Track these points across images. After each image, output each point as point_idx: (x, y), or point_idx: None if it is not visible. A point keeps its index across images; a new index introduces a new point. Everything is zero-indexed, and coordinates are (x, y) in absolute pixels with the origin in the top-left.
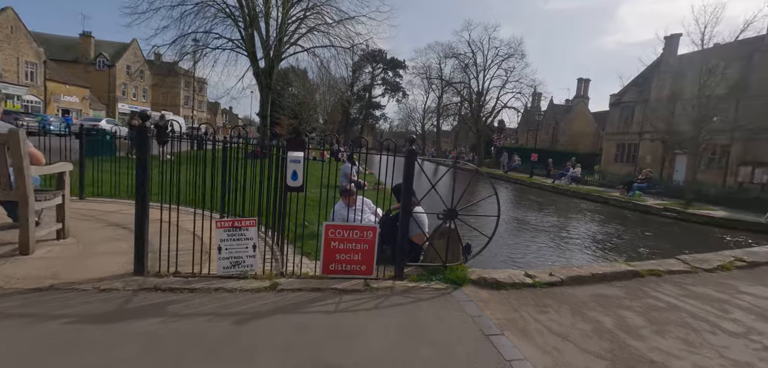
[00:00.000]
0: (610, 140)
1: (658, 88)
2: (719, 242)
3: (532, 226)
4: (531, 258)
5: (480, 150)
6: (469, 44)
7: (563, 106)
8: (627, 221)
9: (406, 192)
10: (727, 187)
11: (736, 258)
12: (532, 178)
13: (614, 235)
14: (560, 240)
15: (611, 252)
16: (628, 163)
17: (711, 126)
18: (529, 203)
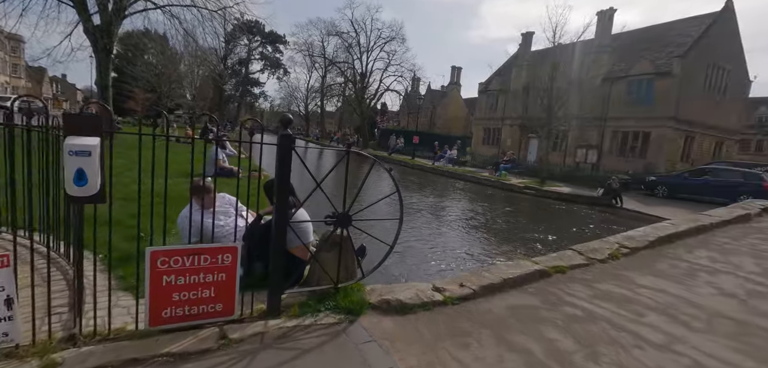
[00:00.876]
0: (478, 124)
1: (516, 78)
2: (573, 214)
3: (424, 211)
4: (428, 249)
5: (364, 132)
6: (352, 23)
7: (439, 91)
8: (501, 200)
9: (281, 192)
10: (568, 167)
11: (619, 244)
12: (414, 159)
13: (498, 216)
14: (454, 223)
15: (501, 234)
16: (493, 145)
17: (557, 114)
18: (414, 185)
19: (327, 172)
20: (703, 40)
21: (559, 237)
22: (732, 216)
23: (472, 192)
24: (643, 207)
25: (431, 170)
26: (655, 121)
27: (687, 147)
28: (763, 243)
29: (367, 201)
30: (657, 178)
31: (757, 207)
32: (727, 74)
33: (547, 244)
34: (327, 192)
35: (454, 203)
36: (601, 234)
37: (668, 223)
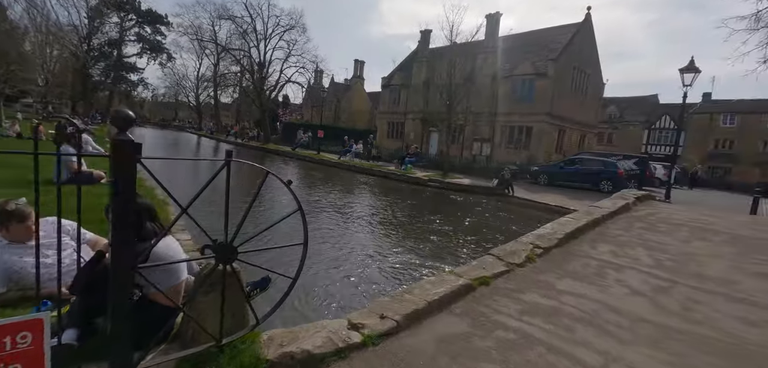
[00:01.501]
0: (382, 118)
1: (417, 74)
2: (476, 204)
3: (330, 210)
4: (341, 254)
5: (265, 125)
6: (247, 7)
7: (343, 84)
8: (409, 194)
9: (121, 222)
10: (465, 159)
11: (533, 245)
12: (320, 154)
13: (408, 210)
14: (366, 222)
15: (414, 230)
16: (397, 139)
17: (456, 109)
18: (320, 182)
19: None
20: (570, 46)
21: (470, 227)
22: (616, 207)
23: (380, 187)
24: (530, 195)
25: (338, 165)
26: (535, 117)
27: (560, 139)
28: (648, 233)
29: (266, 221)
30: (539, 168)
31: (632, 196)
32: (588, 77)
33: (460, 236)
34: (213, 210)
35: (364, 199)
36: (503, 222)
37: (570, 218)
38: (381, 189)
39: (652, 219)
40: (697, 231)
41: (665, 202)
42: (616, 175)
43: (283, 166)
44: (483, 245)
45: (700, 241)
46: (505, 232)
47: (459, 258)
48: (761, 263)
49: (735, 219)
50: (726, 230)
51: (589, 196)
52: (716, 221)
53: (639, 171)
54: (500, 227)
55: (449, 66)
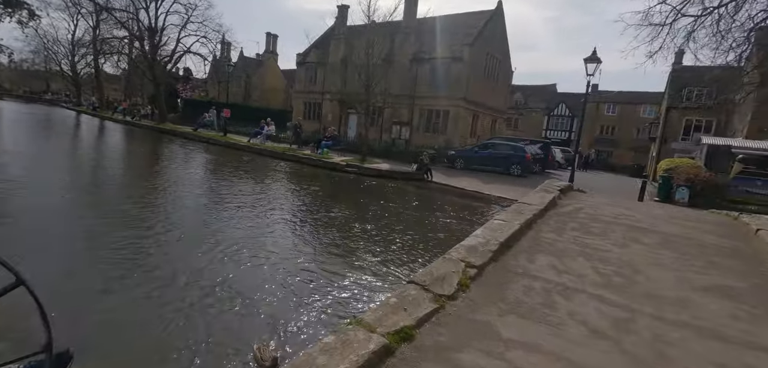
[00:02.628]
0: (298, 98)
1: (334, 52)
2: (396, 191)
3: (233, 204)
4: (235, 281)
5: (160, 102)
6: None
7: (254, 59)
8: (325, 181)
9: None
10: (385, 142)
11: (465, 263)
12: (227, 136)
13: (324, 202)
14: (268, 220)
15: (331, 229)
16: (315, 120)
17: (375, 90)
18: (226, 170)
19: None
20: (484, 32)
21: (390, 218)
22: (544, 203)
23: (291, 173)
24: (449, 179)
25: (247, 149)
26: (451, 101)
27: (474, 124)
28: (583, 236)
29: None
30: (455, 152)
31: (555, 188)
32: (499, 64)
33: (380, 231)
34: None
35: (271, 189)
36: (425, 210)
37: (501, 222)
38: (292, 176)
39: (581, 217)
40: (628, 231)
41: (584, 194)
42: (524, 160)
43: (179, 149)
44: (407, 243)
45: (636, 244)
46: (427, 225)
47: (379, 270)
48: (702, 272)
49: (653, 213)
50: (652, 227)
51: (502, 180)
52: (639, 216)
53: (543, 155)
54: (422, 218)
55: (367, 45)
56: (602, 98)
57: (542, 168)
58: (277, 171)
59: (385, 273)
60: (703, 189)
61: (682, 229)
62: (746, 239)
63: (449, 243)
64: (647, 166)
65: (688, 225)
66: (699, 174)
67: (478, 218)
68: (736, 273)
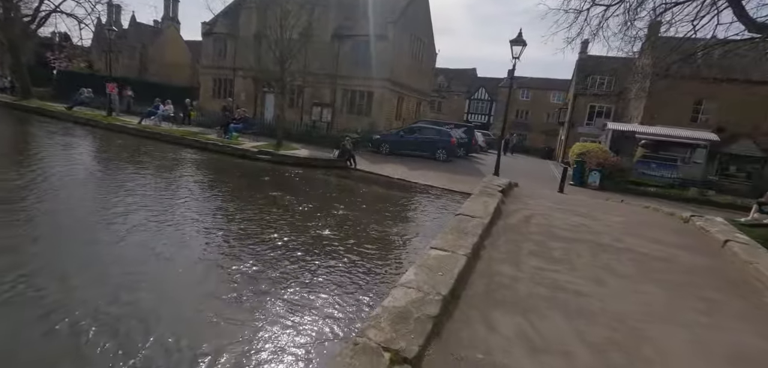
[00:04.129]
0: (206, 74)
1: (246, 23)
2: (313, 183)
3: (106, 216)
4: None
5: (22, 72)
6: None
7: (151, 27)
8: (230, 172)
9: None
10: (305, 125)
11: (390, 354)
12: (112, 116)
13: (219, 206)
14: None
15: (228, 241)
16: (224, 98)
17: (292, 67)
18: (107, 159)
19: None
20: (408, 10)
21: (302, 234)
22: (488, 212)
23: (191, 163)
24: (373, 166)
25: (137, 132)
26: (376, 82)
27: (399, 106)
28: (548, 267)
29: None
30: (381, 136)
31: (495, 188)
32: (424, 45)
33: (286, 260)
34: None
35: (178, 196)
36: (348, 206)
37: (439, 253)
38: (192, 166)
39: (534, 231)
40: (594, 253)
41: (522, 191)
42: (450, 145)
43: (38, 133)
44: (320, 272)
45: (613, 277)
46: (351, 231)
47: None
48: (711, 323)
49: (611, 220)
50: (615, 242)
51: (428, 165)
52: (595, 226)
53: (467, 140)
54: (343, 221)
55: (281, 16)
56: (518, 84)
57: (466, 152)
58: (173, 161)
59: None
60: (611, 172)
61: (647, 243)
62: (717, 254)
63: (377, 268)
64: (557, 148)
65: (648, 236)
66: (608, 158)
67: (408, 215)
68: (747, 320)
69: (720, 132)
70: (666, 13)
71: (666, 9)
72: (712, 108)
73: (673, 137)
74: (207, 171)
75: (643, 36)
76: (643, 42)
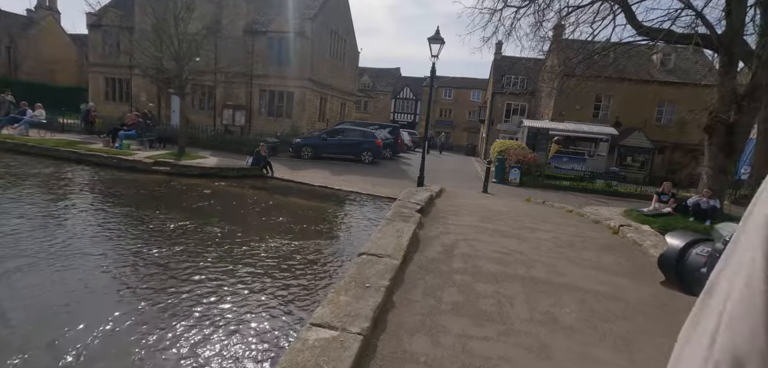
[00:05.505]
0: (96, 72)
1: (142, 14)
2: (219, 199)
3: None
4: None
5: None
6: None
7: (22, 17)
8: (112, 192)
9: None
10: (217, 130)
11: None
12: None
13: (95, 232)
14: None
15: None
16: (123, 102)
17: (195, 66)
18: None
19: None
20: (326, 7)
21: (183, 280)
22: (402, 246)
23: (69, 184)
24: (292, 173)
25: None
26: (296, 81)
27: (323, 107)
28: (472, 331)
29: None
30: (302, 140)
31: (412, 207)
32: (345, 43)
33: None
34: None
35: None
36: (252, 231)
37: (319, 335)
38: (57, 185)
39: (457, 268)
40: (529, 293)
41: (445, 203)
42: (375, 146)
43: None
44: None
45: (560, 338)
46: (251, 271)
47: None
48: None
49: (540, 238)
50: (555, 276)
51: (353, 168)
52: (524, 248)
53: (393, 140)
54: (240, 257)
55: (177, 7)
56: (441, 83)
57: (393, 153)
58: (34, 179)
59: None
60: (529, 169)
61: (585, 271)
62: (660, 279)
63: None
64: (479, 145)
65: (584, 260)
66: (526, 156)
67: (325, 228)
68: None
69: (617, 126)
70: (570, 16)
71: (569, 12)
72: (610, 104)
73: (581, 132)
74: (79, 187)
75: (550, 37)
76: (551, 43)
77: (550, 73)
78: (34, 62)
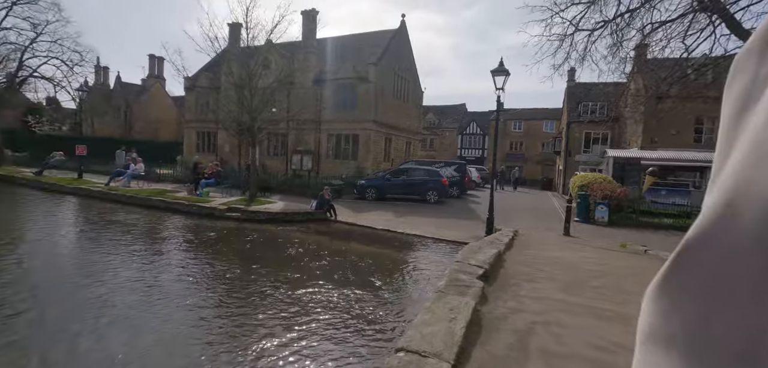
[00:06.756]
0: (190, 128)
1: (227, 75)
2: (279, 245)
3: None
4: None
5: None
6: None
7: (137, 86)
8: (187, 239)
9: None
10: (287, 175)
11: None
12: (81, 179)
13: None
14: None
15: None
16: (210, 152)
17: (269, 116)
18: (53, 229)
19: None
20: (389, 51)
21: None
22: (454, 341)
23: (154, 230)
24: (355, 216)
25: (102, 195)
26: (360, 124)
27: (388, 146)
28: None
29: None
30: (366, 181)
31: (472, 273)
32: (408, 84)
33: None
34: None
35: (106, 263)
36: (300, 279)
37: None
38: (140, 232)
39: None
40: None
41: (526, 270)
42: (440, 185)
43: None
44: None
45: None
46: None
47: None
48: None
49: None
50: None
51: (418, 209)
52: (631, 343)
53: (459, 177)
54: (289, 324)
55: (254, 65)
56: (509, 116)
57: (460, 191)
58: (120, 226)
59: None
60: (619, 205)
61: None
62: None
63: None
64: (555, 178)
65: None
66: (615, 190)
67: (381, 279)
68: None
69: None
70: (655, 33)
71: (654, 28)
72: (714, 127)
73: (681, 161)
74: (156, 235)
75: (632, 57)
76: (633, 63)
77: (636, 96)
78: (143, 122)
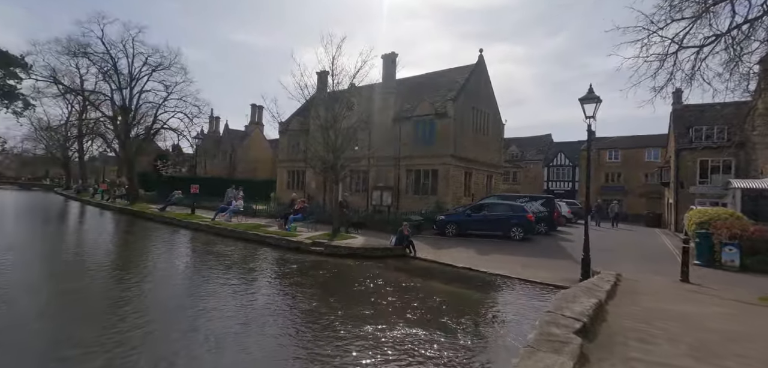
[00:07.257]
0: (282, 167)
1: (315, 118)
2: (360, 284)
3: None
4: None
5: (132, 181)
6: (103, 42)
7: (240, 131)
8: (265, 270)
9: None
10: (367, 211)
11: None
12: (194, 213)
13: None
14: None
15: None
16: (299, 189)
17: (352, 153)
18: (156, 252)
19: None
20: (467, 86)
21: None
22: None
23: (244, 261)
24: (435, 253)
25: (207, 228)
26: (439, 159)
27: (467, 181)
28: None
29: None
30: (445, 217)
31: (568, 327)
32: (488, 117)
33: None
34: None
35: (201, 290)
36: (371, 319)
37: None
38: (232, 263)
39: None
40: None
41: (631, 329)
42: (526, 220)
43: (125, 233)
44: None
45: None
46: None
47: None
48: None
49: None
50: None
51: (501, 247)
52: None
53: (547, 212)
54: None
55: (346, 108)
56: (603, 145)
57: (548, 227)
58: (220, 258)
59: None
60: (754, 246)
61: None
62: None
63: None
64: (665, 213)
65: None
66: (746, 228)
67: (461, 323)
68: None
69: None
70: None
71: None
72: None
73: None
74: (245, 266)
75: (757, 72)
76: (759, 79)
77: (766, 116)
78: (245, 163)
